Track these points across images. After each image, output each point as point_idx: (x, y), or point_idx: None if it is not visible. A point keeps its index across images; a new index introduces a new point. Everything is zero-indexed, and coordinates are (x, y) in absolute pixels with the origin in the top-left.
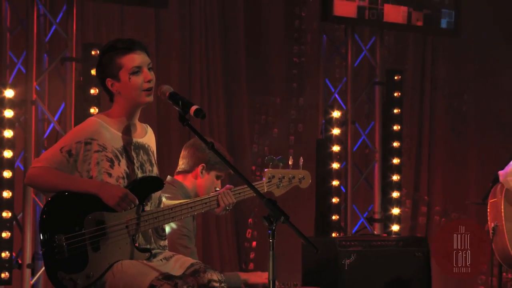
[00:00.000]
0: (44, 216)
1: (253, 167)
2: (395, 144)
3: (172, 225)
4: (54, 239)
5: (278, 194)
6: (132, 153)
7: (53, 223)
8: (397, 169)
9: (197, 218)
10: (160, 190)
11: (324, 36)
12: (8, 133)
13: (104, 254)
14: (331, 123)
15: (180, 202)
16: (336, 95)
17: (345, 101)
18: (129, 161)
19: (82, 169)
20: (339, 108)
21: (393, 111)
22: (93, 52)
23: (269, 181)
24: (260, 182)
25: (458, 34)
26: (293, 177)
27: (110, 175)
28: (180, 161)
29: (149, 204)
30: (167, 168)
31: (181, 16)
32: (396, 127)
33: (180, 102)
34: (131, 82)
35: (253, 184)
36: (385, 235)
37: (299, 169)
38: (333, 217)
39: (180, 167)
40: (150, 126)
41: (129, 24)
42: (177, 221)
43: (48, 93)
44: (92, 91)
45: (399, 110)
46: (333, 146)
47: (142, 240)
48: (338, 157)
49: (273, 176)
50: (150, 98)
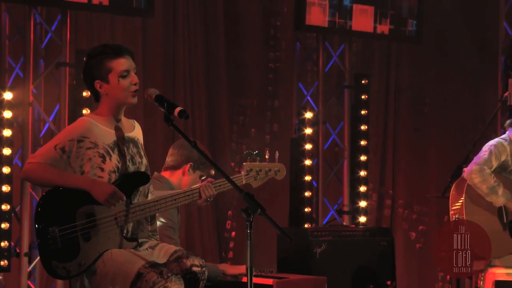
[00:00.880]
0: (40, 209)
1: (232, 164)
2: (363, 142)
3: (160, 219)
4: (48, 231)
5: (255, 186)
6: (123, 147)
7: (48, 215)
8: (364, 166)
9: (180, 210)
10: (146, 184)
11: (297, 43)
12: (7, 132)
13: (94, 244)
14: (303, 123)
15: (164, 194)
16: (309, 98)
17: (317, 103)
18: (121, 155)
19: (75, 165)
20: (311, 109)
21: (360, 112)
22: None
23: (247, 174)
24: (239, 175)
25: (421, 42)
26: (270, 170)
27: (102, 169)
28: (169, 158)
29: (137, 196)
30: (152, 164)
31: (166, 25)
32: (363, 127)
33: (165, 103)
34: (120, 84)
35: (232, 178)
36: (353, 226)
37: (275, 162)
38: (306, 210)
39: (168, 164)
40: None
41: (118, 32)
42: (163, 214)
43: (43, 95)
44: (84, 94)
45: (366, 111)
46: (306, 144)
47: (132, 228)
48: (310, 154)
49: (251, 169)
50: (135, 99)
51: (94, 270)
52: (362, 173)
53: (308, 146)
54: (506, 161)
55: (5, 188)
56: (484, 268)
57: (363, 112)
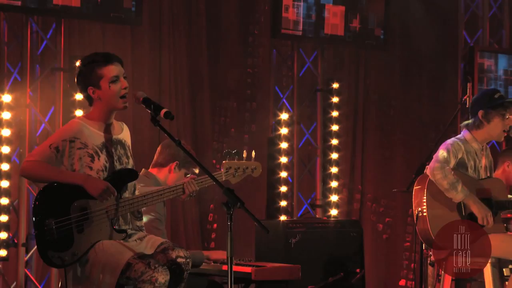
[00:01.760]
0: (37, 203)
1: (214, 161)
2: (334, 141)
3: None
4: (45, 223)
5: (234, 182)
6: (111, 148)
7: (44, 209)
8: (335, 163)
9: (166, 204)
10: (134, 180)
11: (274, 50)
12: (6, 132)
13: (87, 235)
14: (279, 124)
15: (151, 190)
16: (284, 100)
17: (292, 105)
18: (109, 155)
19: (67, 163)
20: (287, 111)
21: (332, 113)
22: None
23: (226, 171)
24: (219, 172)
25: (387, 49)
26: (247, 168)
27: (91, 168)
28: (157, 156)
29: (126, 191)
30: (140, 161)
31: (152, 32)
32: (334, 127)
33: (152, 106)
34: (111, 89)
35: (213, 174)
36: (325, 218)
37: (252, 160)
38: (282, 203)
39: (156, 161)
40: (126, 125)
41: (108, 39)
42: (150, 207)
43: (40, 98)
44: (77, 97)
45: (337, 113)
46: (282, 143)
47: (122, 221)
48: (285, 152)
49: (230, 167)
50: (126, 105)
51: (87, 260)
52: (334, 169)
53: (284, 145)
54: (462, 159)
55: (5, 184)
56: (446, 257)
57: (334, 113)
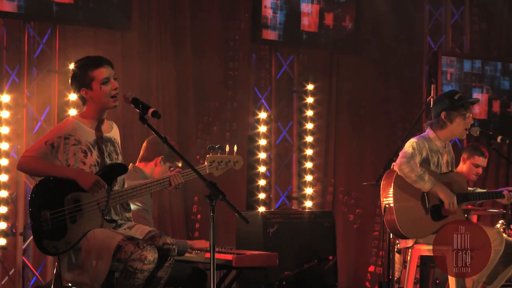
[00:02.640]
0: (33, 196)
1: (198, 156)
2: (309, 138)
3: (136, 203)
4: (40, 214)
5: (217, 175)
6: (102, 145)
7: (40, 201)
8: (310, 158)
9: (153, 196)
10: (124, 174)
11: (253, 54)
12: (5, 130)
13: (80, 225)
14: (258, 122)
15: (140, 183)
16: (263, 101)
17: (270, 105)
18: (100, 151)
19: (62, 158)
20: (265, 110)
21: (306, 113)
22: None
23: (210, 165)
24: (203, 166)
25: (358, 53)
26: (229, 161)
27: (84, 163)
28: (143, 151)
29: (116, 185)
30: (131, 156)
31: (141, 37)
32: (309, 126)
33: (140, 105)
34: (102, 90)
35: (197, 168)
36: (300, 209)
37: (233, 154)
38: (260, 196)
39: (142, 156)
40: (117, 123)
41: (100, 44)
42: (139, 198)
43: (36, 98)
44: (71, 97)
45: (312, 112)
46: (260, 140)
47: (113, 212)
48: (264, 148)
49: (214, 161)
50: (116, 104)
51: (80, 247)
52: (308, 164)
53: (262, 142)
54: (426, 156)
55: (4, 178)
56: (411, 245)
57: (309, 113)
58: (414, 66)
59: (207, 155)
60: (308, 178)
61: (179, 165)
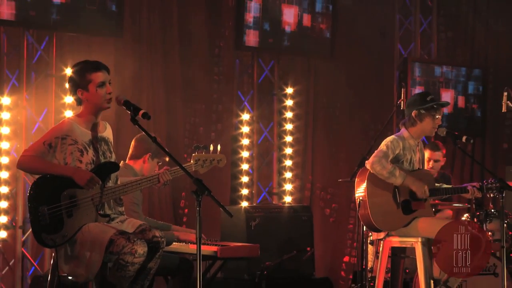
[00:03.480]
0: (32, 192)
1: (185, 155)
2: (288, 138)
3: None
4: (38, 209)
5: (202, 172)
6: (97, 144)
7: (38, 197)
8: (289, 157)
9: (144, 192)
10: (117, 171)
11: (237, 60)
12: (6, 130)
13: (75, 219)
14: (241, 123)
15: (130, 180)
16: (246, 103)
17: (252, 107)
18: (95, 150)
19: (59, 157)
20: (248, 112)
21: (286, 114)
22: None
23: (196, 163)
24: (189, 163)
25: (334, 59)
26: (213, 159)
27: (80, 161)
28: (131, 149)
29: (109, 181)
30: (123, 154)
31: (133, 43)
32: (288, 126)
33: (132, 107)
34: (98, 92)
35: (184, 166)
36: (280, 204)
37: (218, 153)
38: (243, 191)
39: (131, 154)
40: (110, 124)
41: (95, 49)
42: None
43: (35, 100)
44: (67, 100)
45: (291, 114)
46: (243, 139)
47: (106, 207)
48: (246, 147)
49: (199, 159)
50: (109, 105)
51: (75, 240)
52: (288, 162)
53: (245, 141)
54: (399, 154)
55: (4, 175)
56: (383, 237)
57: (288, 114)
58: (385, 71)
59: (193, 154)
60: (288, 175)
61: (167, 159)
